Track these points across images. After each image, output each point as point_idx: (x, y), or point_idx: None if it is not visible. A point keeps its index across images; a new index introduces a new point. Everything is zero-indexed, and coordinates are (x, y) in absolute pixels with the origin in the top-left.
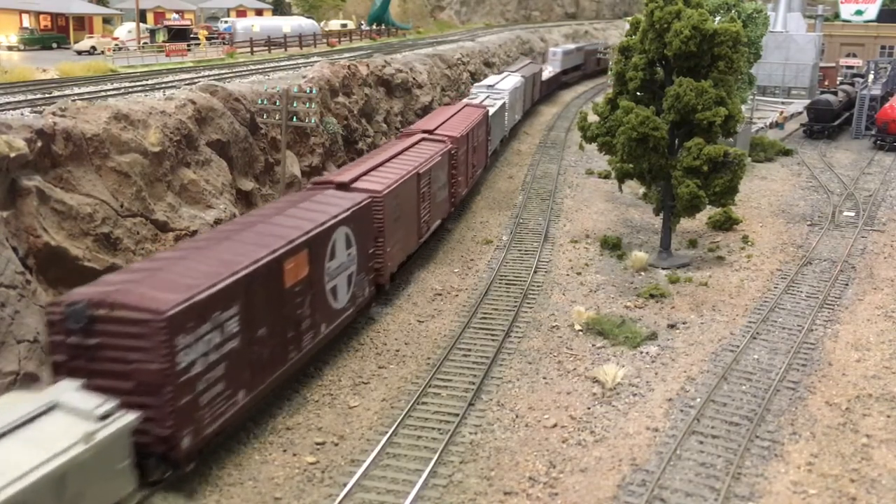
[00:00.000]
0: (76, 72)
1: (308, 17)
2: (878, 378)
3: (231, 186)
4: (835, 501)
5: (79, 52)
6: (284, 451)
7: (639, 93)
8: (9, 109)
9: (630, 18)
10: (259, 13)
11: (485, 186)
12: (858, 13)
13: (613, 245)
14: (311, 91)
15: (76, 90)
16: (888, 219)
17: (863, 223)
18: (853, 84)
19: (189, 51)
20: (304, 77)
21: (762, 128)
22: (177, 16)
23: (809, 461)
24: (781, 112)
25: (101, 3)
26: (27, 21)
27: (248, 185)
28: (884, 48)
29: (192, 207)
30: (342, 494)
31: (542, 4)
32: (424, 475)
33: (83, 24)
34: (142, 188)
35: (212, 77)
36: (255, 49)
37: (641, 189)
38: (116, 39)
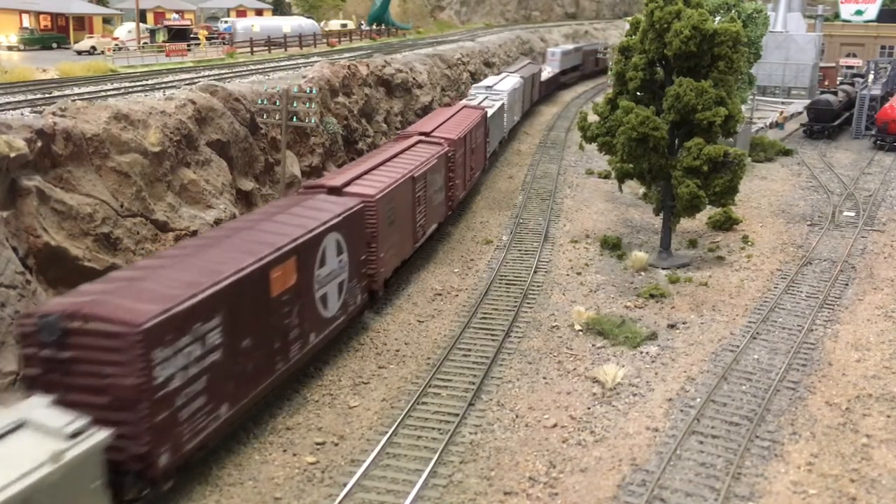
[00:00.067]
0: (76, 72)
1: (308, 17)
2: (878, 378)
3: (231, 186)
4: (835, 501)
5: (79, 52)
6: (284, 451)
7: (639, 93)
8: (9, 109)
9: (630, 18)
10: (259, 13)
11: (485, 186)
12: (858, 13)
13: (613, 245)
14: (311, 91)
15: (76, 90)
16: (888, 219)
17: (863, 223)
18: (853, 84)
19: (189, 51)
20: (304, 77)
21: (762, 128)
22: (177, 16)
23: (809, 461)
24: (781, 112)
25: (101, 3)
26: (27, 21)
27: (248, 185)
28: (884, 48)
29: (192, 207)
30: (342, 494)
31: (542, 4)
32: (424, 475)
33: (83, 24)
34: (142, 188)
35: (212, 77)
36: (255, 49)
37: (641, 189)
38: (116, 39)
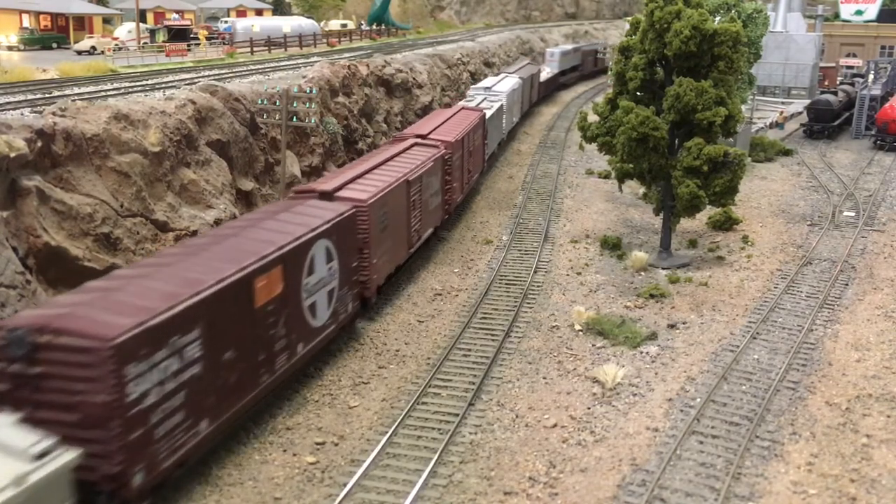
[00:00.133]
0: (76, 72)
1: (308, 17)
2: (878, 378)
3: (231, 186)
4: (835, 501)
5: (79, 52)
6: (284, 451)
7: (639, 93)
8: (9, 109)
9: (630, 18)
10: (259, 13)
11: (485, 187)
12: (858, 13)
13: (613, 245)
14: (311, 91)
15: (76, 90)
16: (888, 219)
17: (863, 223)
18: (853, 84)
19: (189, 51)
20: (304, 77)
21: (762, 128)
22: (177, 16)
23: (809, 461)
24: (781, 112)
25: (101, 3)
26: (27, 21)
27: (248, 185)
28: (884, 48)
29: (192, 207)
30: (342, 494)
31: (542, 4)
32: (424, 475)
33: (83, 24)
34: (142, 188)
35: (212, 77)
36: (255, 49)
37: (641, 189)
38: (116, 39)
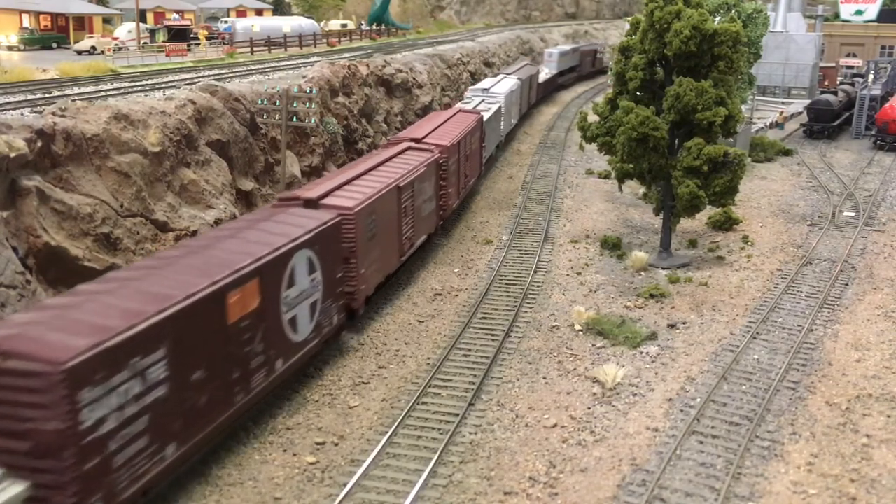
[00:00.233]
0: (76, 72)
1: (308, 17)
2: (878, 378)
3: (231, 186)
4: (835, 501)
5: (79, 52)
6: (284, 451)
7: (639, 93)
8: (9, 109)
9: (630, 18)
10: (259, 13)
11: (485, 187)
12: (858, 13)
13: (613, 245)
14: (311, 91)
15: (76, 90)
16: (888, 219)
17: (863, 223)
18: (853, 84)
19: (189, 51)
20: (304, 77)
21: (762, 128)
22: (177, 16)
23: (809, 461)
24: (781, 112)
25: (101, 3)
26: (27, 21)
27: (248, 185)
28: (884, 48)
29: (192, 207)
30: (342, 494)
31: (542, 4)
32: (424, 475)
33: (83, 24)
34: (142, 188)
35: (212, 77)
36: (255, 49)
37: (641, 189)
38: (116, 39)
